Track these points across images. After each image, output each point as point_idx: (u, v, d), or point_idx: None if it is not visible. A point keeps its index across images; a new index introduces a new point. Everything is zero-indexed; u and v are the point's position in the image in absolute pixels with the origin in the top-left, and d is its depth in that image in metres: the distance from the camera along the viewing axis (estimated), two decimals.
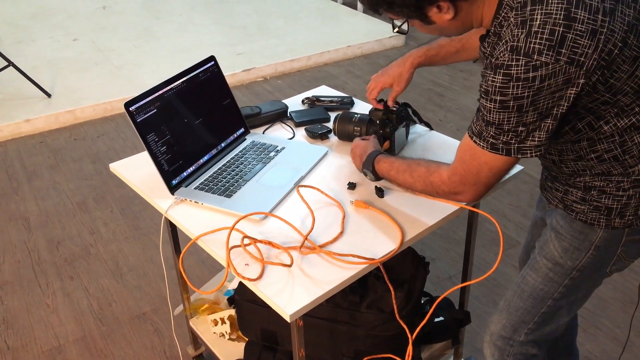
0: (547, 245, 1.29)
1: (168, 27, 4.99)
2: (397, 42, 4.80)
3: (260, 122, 1.76)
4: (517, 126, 1.04)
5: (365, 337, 1.48)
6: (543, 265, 1.29)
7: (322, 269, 1.19)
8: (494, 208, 2.75)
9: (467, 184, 1.17)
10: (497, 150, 1.09)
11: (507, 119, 1.03)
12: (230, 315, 1.76)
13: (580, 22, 0.96)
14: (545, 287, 1.29)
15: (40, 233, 2.69)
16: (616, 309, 2.18)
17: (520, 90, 0.99)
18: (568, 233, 1.24)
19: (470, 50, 1.49)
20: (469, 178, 1.16)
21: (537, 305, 1.31)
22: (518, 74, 0.98)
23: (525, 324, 1.33)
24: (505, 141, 1.07)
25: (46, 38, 4.78)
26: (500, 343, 1.38)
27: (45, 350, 2.10)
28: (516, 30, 1.00)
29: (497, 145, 1.08)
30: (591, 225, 1.21)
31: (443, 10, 1.07)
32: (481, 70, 1.11)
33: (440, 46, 1.51)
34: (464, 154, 1.15)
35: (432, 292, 2.19)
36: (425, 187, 1.27)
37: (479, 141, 1.10)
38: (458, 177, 1.18)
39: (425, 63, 1.53)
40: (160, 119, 1.44)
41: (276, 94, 4.01)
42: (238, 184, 1.46)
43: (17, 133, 3.56)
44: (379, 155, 1.37)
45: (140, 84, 3.95)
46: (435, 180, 1.23)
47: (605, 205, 1.18)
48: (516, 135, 1.05)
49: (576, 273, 1.26)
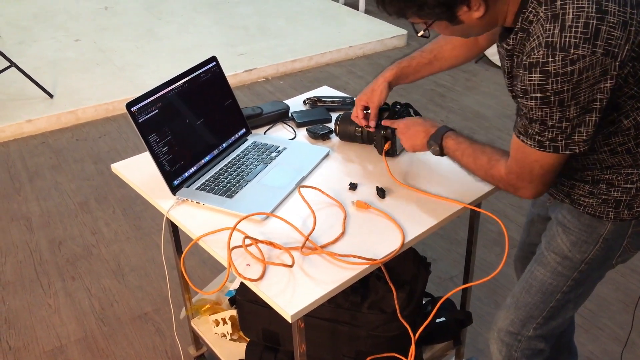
0: (554, 240, 1.30)
1: (169, 28, 4.99)
2: (398, 42, 4.80)
3: (262, 123, 1.76)
4: (560, 122, 1.04)
5: (367, 337, 1.48)
6: (552, 260, 1.30)
7: (323, 269, 1.19)
8: (495, 208, 2.74)
9: (523, 181, 1.17)
10: (544, 148, 1.08)
11: (550, 115, 1.03)
12: (231, 315, 1.76)
13: (612, 14, 0.97)
14: (554, 281, 1.31)
15: (42, 233, 2.69)
16: (618, 310, 2.18)
17: (559, 85, 0.99)
18: (576, 227, 1.26)
19: (442, 61, 1.51)
20: (524, 175, 1.16)
21: (546, 299, 1.32)
22: (556, 70, 0.98)
23: (533, 318, 1.35)
24: (551, 138, 1.06)
25: (48, 38, 4.78)
26: (508, 339, 1.39)
27: (47, 350, 2.10)
28: (548, 25, 1.00)
29: (544, 143, 1.08)
30: (599, 219, 1.22)
31: (473, 8, 1.06)
32: (512, 71, 1.10)
33: (411, 58, 1.53)
34: (516, 152, 1.15)
35: (434, 292, 2.18)
36: (486, 178, 1.26)
37: (527, 140, 1.10)
38: (514, 175, 1.17)
39: (398, 75, 1.53)
40: (161, 120, 1.44)
41: (278, 94, 4.01)
42: (239, 185, 1.46)
43: (19, 133, 3.56)
44: (449, 131, 1.34)
45: (141, 85, 3.95)
46: (495, 174, 1.22)
47: (614, 198, 1.19)
48: (561, 132, 1.05)
49: (584, 266, 1.28)
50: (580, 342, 2.05)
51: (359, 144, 1.64)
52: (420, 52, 1.53)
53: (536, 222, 1.53)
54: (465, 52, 1.49)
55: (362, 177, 1.49)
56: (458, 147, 1.31)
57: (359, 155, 1.60)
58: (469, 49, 1.49)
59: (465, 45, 1.48)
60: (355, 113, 1.56)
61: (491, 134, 3.43)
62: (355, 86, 4.08)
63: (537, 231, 1.53)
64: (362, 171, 1.52)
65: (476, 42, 1.47)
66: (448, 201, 1.38)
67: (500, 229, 2.59)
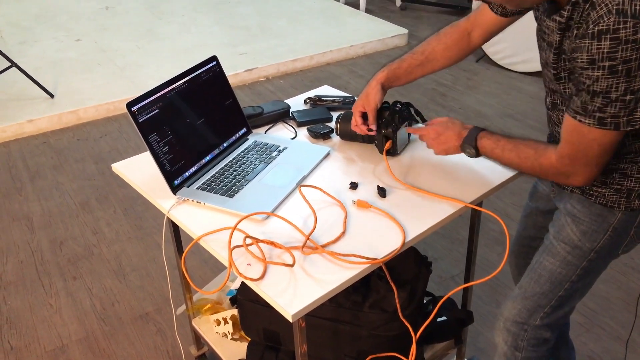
0: (563, 230, 1.32)
1: (170, 28, 4.99)
2: (399, 41, 4.80)
3: (263, 122, 1.76)
4: (625, 94, 1.03)
5: (368, 337, 1.48)
6: (561, 250, 1.32)
7: (324, 269, 1.19)
8: (497, 207, 2.74)
9: (577, 165, 1.16)
10: (605, 125, 1.08)
11: (616, 86, 1.03)
12: (232, 315, 1.76)
13: None
14: (563, 270, 1.32)
15: (43, 233, 2.70)
16: (620, 309, 2.17)
17: (629, 53, 1.00)
18: (586, 216, 1.27)
19: (434, 62, 1.51)
20: (579, 159, 1.15)
21: (555, 289, 1.34)
22: (627, 36, 0.99)
23: (541, 308, 1.37)
24: (613, 114, 1.06)
25: (49, 39, 4.79)
26: (514, 328, 1.40)
27: (49, 350, 2.10)
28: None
29: (605, 120, 1.07)
30: (610, 208, 1.24)
31: None
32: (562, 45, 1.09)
33: (402, 60, 1.53)
34: (570, 135, 1.14)
35: (435, 291, 2.18)
36: (533, 169, 1.25)
37: (585, 119, 1.09)
38: (567, 159, 1.16)
39: (390, 77, 1.53)
40: (162, 119, 1.44)
41: (278, 93, 4.01)
42: (240, 184, 1.46)
43: (20, 133, 3.56)
44: (482, 131, 1.33)
45: (142, 85, 3.95)
46: (544, 162, 1.21)
47: (627, 188, 1.22)
48: (625, 106, 1.05)
49: (594, 255, 1.30)
50: (581, 342, 2.04)
51: (360, 143, 1.64)
52: (411, 54, 1.52)
53: (534, 215, 1.54)
54: (457, 52, 1.49)
55: (363, 176, 1.49)
56: (497, 145, 1.30)
57: (360, 155, 1.59)
58: (461, 49, 1.49)
59: (458, 45, 1.48)
60: (354, 122, 1.55)
61: None
62: (356, 85, 4.08)
63: (534, 224, 1.55)
64: (362, 170, 1.52)
65: (469, 42, 1.47)
66: (449, 200, 1.38)
67: (501, 228, 2.59)
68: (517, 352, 1.42)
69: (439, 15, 5.50)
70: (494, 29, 1.42)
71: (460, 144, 1.36)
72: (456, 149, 1.38)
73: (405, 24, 5.06)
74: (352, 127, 1.57)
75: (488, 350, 2.03)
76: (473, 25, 1.45)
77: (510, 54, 4.15)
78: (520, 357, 1.42)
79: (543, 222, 1.50)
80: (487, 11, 1.40)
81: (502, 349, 1.45)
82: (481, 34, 1.44)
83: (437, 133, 1.42)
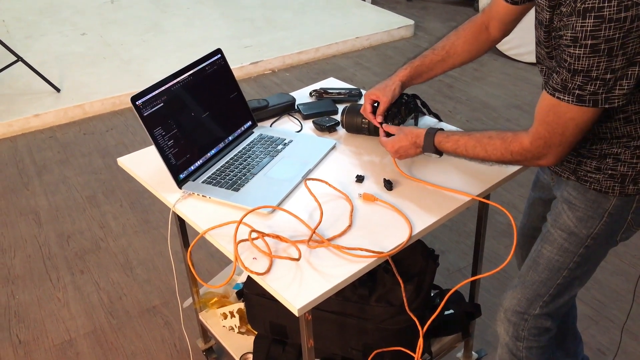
0: (560, 217, 1.32)
1: (175, 21, 4.98)
2: (405, 33, 4.77)
3: (268, 115, 1.76)
4: (605, 73, 1.03)
5: (375, 330, 1.47)
6: (558, 237, 1.32)
7: (330, 262, 1.18)
8: (504, 200, 2.73)
9: (552, 146, 1.16)
10: (583, 102, 1.08)
11: (597, 65, 1.03)
12: (239, 308, 1.76)
13: None
14: (561, 257, 1.32)
15: (51, 227, 2.70)
16: (629, 301, 2.16)
17: (612, 32, 1.00)
18: (582, 203, 1.28)
19: (455, 57, 1.50)
20: (554, 139, 1.15)
21: (553, 276, 1.34)
22: (610, 15, 0.99)
23: (540, 296, 1.37)
24: (592, 91, 1.06)
25: (54, 33, 4.79)
26: (515, 318, 1.41)
27: (57, 343, 2.11)
28: None
29: (584, 97, 1.07)
30: (605, 194, 1.25)
31: None
32: (552, 23, 1.10)
33: (423, 57, 1.53)
34: (546, 115, 1.14)
35: (442, 284, 2.18)
36: (504, 157, 1.25)
37: (564, 96, 1.09)
38: (542, 141, 1.16)
39: (412, 75, 1.53)
40: (167, 113, 1.43)
41: (284, 86, 4.00)
42: (245, 178, 1.46)
43: (27, 128, 3.57)
44: (437, 136, 1.34)
45: (148, 78, 3.95)
46: (515, 148, 1.21)
47: (620, 173, 1.22)
48: (604, 84, 1.05)
49: (590, 241, 1.30)
50: (590, 334, 2.03)
51: (366, 136, 1.63)
52: (432, 50, 1.52)
53: (537, 205, 1.54)
54: (477, 46, 1.49)
55: (369, 169, 1.48)
56: (457, 146, 1.31)
57: (366, 148, 1.58)
58: (480, 42, 1.48)
59: (477, 39, 1.48)
60: (364, 107, 1.55)
61: (499, 125, 3.40)
62: (362, 77, 4.06)
63: (538, 214, 1.55)
64: (368, 163, 1.51)
65: (488, 35, 1.47)
66: (456, 193, 1.37)
67: (508, 220, 2.58)
68: (519, 342, 1.42)
69: (446, 6, 5.46)
70: (508, 19, 1.41)
71: (420, 151, 1.39)
72: (418, 154, 1.42)
73: (411, 15, 5.03)
74: (361, 110, 1.56)
75: (496, 343, 2.02)
76: (489, 18, 1.45)
77: (517, 45, 4.12)
78: (522, 347, 1.42)
79: (544, 212, 1.49)
80: (499, 2, 1.39)
81: (503, 339, 1.45)
82: (497, 25, 1.43)
83: (393, 147, 1.44)
